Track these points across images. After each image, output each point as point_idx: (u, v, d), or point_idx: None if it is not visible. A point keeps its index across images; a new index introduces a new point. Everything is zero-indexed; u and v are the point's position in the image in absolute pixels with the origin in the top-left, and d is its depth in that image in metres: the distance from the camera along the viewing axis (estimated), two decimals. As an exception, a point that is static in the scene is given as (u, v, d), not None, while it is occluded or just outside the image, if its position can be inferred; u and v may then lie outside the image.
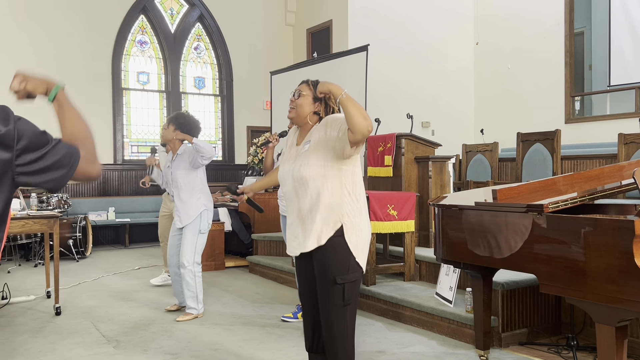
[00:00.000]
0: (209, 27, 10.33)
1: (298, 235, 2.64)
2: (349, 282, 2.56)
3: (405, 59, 9.23)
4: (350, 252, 2.56)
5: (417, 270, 5.08)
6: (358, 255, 2.59)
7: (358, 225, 2.60)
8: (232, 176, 10.38)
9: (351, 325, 2.62)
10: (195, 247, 4.58)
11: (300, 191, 2.60)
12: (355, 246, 2.58)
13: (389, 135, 5.63)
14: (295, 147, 2.73)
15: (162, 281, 5.99)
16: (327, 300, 2.59)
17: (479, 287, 3.53)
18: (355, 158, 2.60)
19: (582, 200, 3.05)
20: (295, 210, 2.65)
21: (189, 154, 4.59)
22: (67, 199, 7.89)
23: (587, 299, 2.63)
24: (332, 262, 2.57)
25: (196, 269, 4.59)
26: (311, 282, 2.70)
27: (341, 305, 2.57)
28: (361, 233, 2.61)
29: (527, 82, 8.95)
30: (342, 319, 2.58)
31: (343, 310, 2.57)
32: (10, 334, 4.16)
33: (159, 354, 3.73)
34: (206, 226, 4.64)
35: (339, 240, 2.55)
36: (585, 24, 8.78)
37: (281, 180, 2.74)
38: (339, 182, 2.56)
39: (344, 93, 2.40)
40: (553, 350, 3.70)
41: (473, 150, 7.44)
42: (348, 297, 2.57)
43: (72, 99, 1.59)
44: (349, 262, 2.56)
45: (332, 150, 2.53)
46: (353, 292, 2.59)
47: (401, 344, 3.93)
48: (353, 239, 2.57)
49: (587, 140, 7.63)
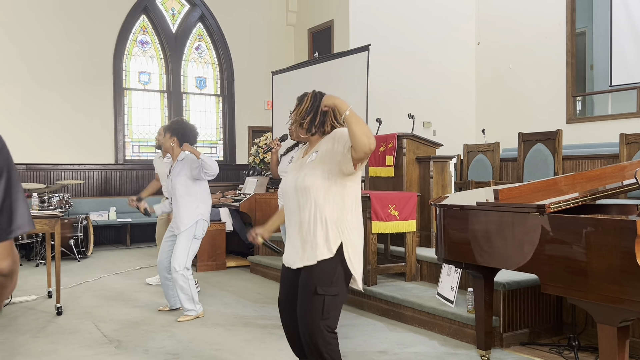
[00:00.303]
0: (210, 27, 10.33)
1: (298, 250, 2.60)
2: (330, 295, 2.50)
3: (407, 58, 9.22)
4: (336, 267, 2.52)
5: (419, 271, 5.08)
6: (355, 271, 2.57)
7: (356, 244, 2.59)
8: (233, 176, 10.39)
9: (331, 338, 2.53)
10: (188, 253, 4.58)
11: (302, 201, 2.56)
12: (352, 264, 2.55)
13: (390, 135, 5.63)
14: (302, 159, 2.71)
15: (157, 281, 6.02)
16: (305, 310, 2.53)
17: (480, 287, 3.53)
18: (358, 175, 2.58)
19: (584, 201, 3.04)
20: (296, 223, 2.61)
21: (189, 162, 4.59)
22: (69, 198, 7.90)
23: (589, 299, 2.62)
24: (317, 272, 2.52)
25: (187, 273, 4.59)
26: (295, 292, 2.64)
27: (319, 318, 2.49)
28: (359, 251, 2.61)
29: (528, 82, 8.95)
30: (319, 331, 2.50)
31: (321, 324, 2.50)
32: (11, 334, 4.17)
33: (160, 354, 3.73)
34: (201, 233, 4.65)
35: (336, 261, 2.52)
36: (586, 24, 8.77)
37: (283, 191, 2.70)
38: (341, 197, 2.53)
39: (349, 110, 2.37)
40: (554, 350, 3.70)
41: (474, 150, 7.44)
42: (327, 311, 2.50)
43: (73, 99, 1.53)
44: (334, 274, 2.52)
45: (338, 164, 2.51)
46: (333, 307, 2.51)
47: (402, 344, 3.93)
48: (351, 257, 2.55)
49: (589, 141, 7.63)
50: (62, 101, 8.94)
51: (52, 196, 7.59)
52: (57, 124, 8.93)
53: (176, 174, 4.62)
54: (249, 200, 7.17)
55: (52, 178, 8.90)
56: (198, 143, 10.14)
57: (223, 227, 7.05)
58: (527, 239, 2.92)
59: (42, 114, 8.81)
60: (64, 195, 7.80)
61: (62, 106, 8.95)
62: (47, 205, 7.40)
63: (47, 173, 8.90)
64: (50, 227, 4.66)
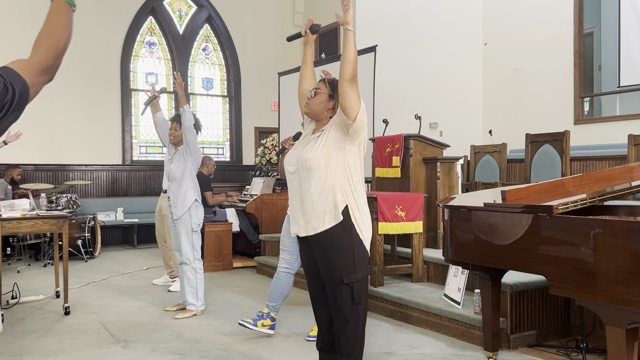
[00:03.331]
0: (217, 29, 10.36)
1: (299, 220, 2.65)
2: (357, 281, 2.56)
3: (413, 60, 9.21)
4: (352, 245, 2.55)
5: (425, 272, 5.07)
6: (365, 238, 2.59)
7: (362, 208, 2.61)
8: (239, 177, 10.41)
9: (363, 326, 2.62)
10: (193, 245, 4.70)
11: (302, 173, 2.61)
12: (359, 227, 2.58)
13: (397, 136, 5.63)
14: (309, 136, 2.76)
15: (164, 282, 6.09)
16: (337, 301, 2.59)
17: (487, 288, 3.51)
18: (360, 141, 2.61)
19: (592, 202, 3.03)
20: (296, 194, 2.66)
21: (183, 150, 4.78)
22: (77, 199, 7.94)
23: (597, 300, 2.61)
24: (336, 261, 2.55)
25: (197, 265, 4.70)
26: (315, 270, 2.71)
27: (350, 304, 2.56)
28: (366, 215, 2.62)
29: (535, 83, 8.91)
30: (356, 317, 2.58)
31: (354, 309, 2.57)
32: (19, 333, 4.19)
33: (167, 354, 3.74)
34: (197, 223, 4.73)
35: (341, 230, 2.54)
36: (594, 25, 8.73)
37: (286, 162, 2.75)
38: (342, 163, 2.57)
39: (350, 27, 2.62)
40: (562, 352, 3.68)
41: (481, 151, 7.41)
42: (358, 296, 2.57)
43: (81, 100, 1.57)
44: (353, 258, 2.55)
45: (340, 129, 2.58)
46: (362, 291, 2.58)
47: (409, 345, 3.92)
48: (358, 220, 2.57)
49: (597, 142, 7.58)
50: (70, 102, 8.99)
51: (60, 196, 7.62)
52: (65, 125, 8.98)
53: (175, 160, 4.79)
54: (255, 201, 7.18)
55: (60, 178, 8.95)
56: (205, 144, 10.12)
57: (230, 228, 7.06)
58: (534, 240, 2.91)
59: (51, 115, 8.86)
60: (71, 196, 7.84)
61: (70, 107, 8.99)
62: (55, 206, 7.44)
63: (55, 173, 8.95)
64: (58, 227, 4.68)
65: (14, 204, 4.92)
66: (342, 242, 2.54)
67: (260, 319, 4.11)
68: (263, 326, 4.10)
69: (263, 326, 4.10)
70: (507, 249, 3.08)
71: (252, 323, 4.10)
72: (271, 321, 4.13)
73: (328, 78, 2.79)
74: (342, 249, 2.55)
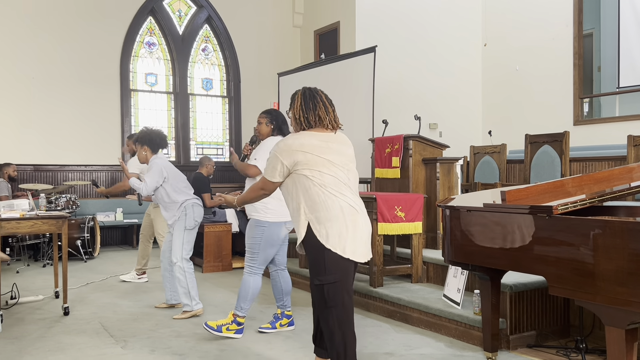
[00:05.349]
0: (217, 29, 10.36)
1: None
2: (328, 284, 2.69)
3: (413, 60, 9.22)
4: (322, 246, 2.69)
5: (425, 272, 5.07)
6: (334, 247, 2.68)
7: (322, 218, 2.71)
8: (239, 177, 10.39)
9: (340, 330, 2.73)
10: (183, 244, 4.65)
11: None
12: (326, 238, 2.69)
13: (396, 136, 5.63)
14: None
15: (130, 279, 6.21)
16: (313, 302, 2.83)
17: (487, 289, 3.52)
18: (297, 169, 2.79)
19: (591, 202, 3.03)
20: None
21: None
22: (76, 199, 7.93)
23: (597, 301, 2.61)
24: (310, 263, 2.77)
25: (185, 265, 4.66)
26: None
27: (323, 306, 2.74)
28: (326, 224, 2.70)
29: (535, 83, 8.92)
30: (327, 319, 2.73)
31: (327, 312, 2.73)
32: (18, 334, 4.19)
33: (167, 354, 3.74)
34: (192, 223, 4.68)
35: (311, 237, 2.73)
36: (594, 25, 8.74)
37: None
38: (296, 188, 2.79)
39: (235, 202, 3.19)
40: (562, 353, 3.68)
41: (481, 152, 7.42)
42: (329, 299, 2.71)
43: (80, 100, 1.57)
44: (324, 261, 2.69)
45: None
46: (335, 294, 2.71)
47: (409, 345, 3.92)
48: (322, 232, 2.70)
49: (596, 142, 7.59)
50: (70, 102, 8.98)
51: (59, 197, 7.62)
52: (65, 126, 8.98)
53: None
54: (255, 201, 7.17)
55: (59, 179, 8.94)
56: (204, 144, 10.14)
57: (229, 228, 7.06)
58: (534, 240, 2.91)
59: (50, 116, 8.86)
60: (71, 196, 7.83)
61: (69, 107, 8.99)
62: (55, 206, 7.43)
63: (55, 174, 8.95)
64: (57, 227, 4.68)
65: (13, 204, 4.92)
66: (311, 248, 2.76)
67: (277, 320, 4.30)
68: (281, 326, 4.29)
69: (281, 326, 4.29)
70: (507, 249, 3.08)
71: (269, 327, 4.28)
72: (287, 319, 4.32)
73: (299, 92, 2.99)
74: (311, 254, 2.76)
